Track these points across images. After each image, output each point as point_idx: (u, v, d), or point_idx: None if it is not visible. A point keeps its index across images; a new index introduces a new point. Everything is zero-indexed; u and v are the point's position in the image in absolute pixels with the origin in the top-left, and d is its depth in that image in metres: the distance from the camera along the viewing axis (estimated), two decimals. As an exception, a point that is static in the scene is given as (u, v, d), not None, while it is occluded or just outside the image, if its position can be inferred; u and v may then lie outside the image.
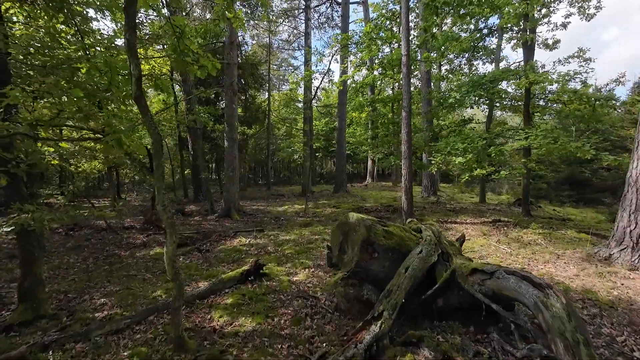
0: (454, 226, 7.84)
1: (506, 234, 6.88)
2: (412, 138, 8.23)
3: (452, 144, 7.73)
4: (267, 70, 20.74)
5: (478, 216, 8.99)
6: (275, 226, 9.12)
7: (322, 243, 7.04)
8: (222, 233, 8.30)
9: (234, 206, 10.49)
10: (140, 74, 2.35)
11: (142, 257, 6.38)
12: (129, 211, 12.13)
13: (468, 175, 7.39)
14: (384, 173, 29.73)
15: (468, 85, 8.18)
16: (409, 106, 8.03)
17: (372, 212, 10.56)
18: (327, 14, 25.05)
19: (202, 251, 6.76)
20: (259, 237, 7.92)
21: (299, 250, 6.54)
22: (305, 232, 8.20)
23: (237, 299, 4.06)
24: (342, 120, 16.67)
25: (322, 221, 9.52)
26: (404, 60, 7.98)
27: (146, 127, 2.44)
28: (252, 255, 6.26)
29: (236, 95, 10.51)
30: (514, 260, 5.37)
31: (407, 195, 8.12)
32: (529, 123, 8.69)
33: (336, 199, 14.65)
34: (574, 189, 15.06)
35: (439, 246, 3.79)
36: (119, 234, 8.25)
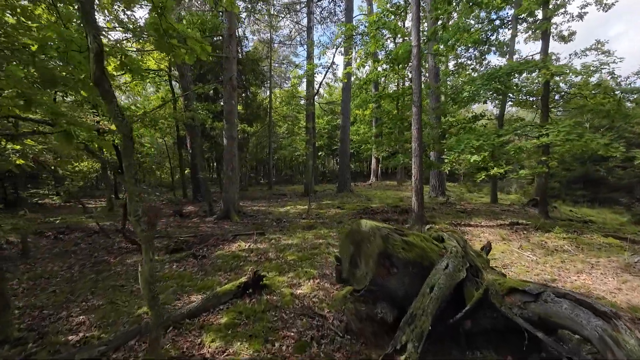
0: (469, 230, 7.29)
1: (528, 239, 6.33)
2: (422, 135, 7.68)
3: (465, 141, 7.17)
4: (268, 66, 20.21)
5: (493, 218, 8.44)
6: (277, 229, 8.61)
7: (327, 248, 6.53)
8: (220, 236, 7.80)
9: (234, 207, 10.00)
10: (102, 48, 1.85)
11: (132, 264, 5.89)
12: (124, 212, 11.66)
13: (484, 175, 6.84)
14: (388, 172, 29.15)
15: (483, 78, 7.62)
16: (419, 101, 7.48)
17: (379, 213, 10.03)
18: (329, 9, 24.48)
19: (198, 257, 6.26)
20: (260, 241, 7.42)
21: (302, 256, 6.03)
22: (308, 236, 7.69)
23: (233, 318, 3.55)
24: (345, 118, 16.11)
25: (327, 223, 9.00)
26: (415, 52, 7.43)
27: (112, 118, 1.94)
28: (251, 263, 5.76)
29: (235, 91, 9.99)
30: (542, 269, 4.83)
31: (418, 196, 7.59)
32: (547, 119, 8.12)
33: (340, 199, 14.12)
34: (588, 188, 14.45)
35: (466, 258, 3.27)
36: (111, 237, 7.78)
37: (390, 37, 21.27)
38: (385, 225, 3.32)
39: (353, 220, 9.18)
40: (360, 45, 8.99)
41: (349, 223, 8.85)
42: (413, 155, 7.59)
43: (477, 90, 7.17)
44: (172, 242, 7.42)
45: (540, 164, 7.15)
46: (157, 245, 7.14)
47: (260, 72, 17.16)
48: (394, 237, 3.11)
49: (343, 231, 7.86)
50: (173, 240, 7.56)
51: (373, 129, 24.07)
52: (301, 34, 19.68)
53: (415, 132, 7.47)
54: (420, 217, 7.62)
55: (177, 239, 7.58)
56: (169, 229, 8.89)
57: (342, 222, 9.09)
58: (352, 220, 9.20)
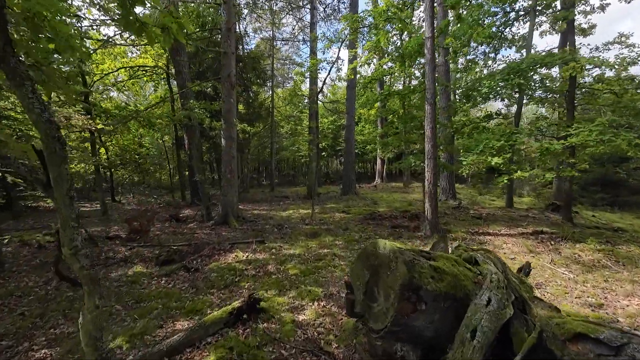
0: (488, 239, 6.63)
1: (558, 251, 5.66)
2: (437, 135, 7.04)
3: (484, 142, 6.51)
4: (270, 65, 19.63)
5: (513, 225, 7.76)
6: (278, 236, 8.00)
7: (333, 260, 5.91)
8: (216, 245, 7.21)
9: (232, 212, 9.41)
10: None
11: (117, 278, 5.31)
12: (119, 216, 11.14)
13: (507, 179, 6.18)
14: (393, 173, 28.46)
15: (502, 72, 6.96)
16: (433, 98, 6.84)
17: (387, 219, 9.39)
18: (333, 6, 23.86)
19: (191, 270, 5.66)
20: (259, 250, 6.81)
21: (305, 270, 5.41)
22: (312, 244, 7.07)
23: (222, 356, 2.94)
24: (350, 117, 15.48)
25: (332, 230, 8.38)
26: (428, 45, 6.79)
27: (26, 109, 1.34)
28: (248, 278, 5.15)
29: (234, 89, 9.40)
30: (583, 290, 4.17)
31: (432, 201, 6.94)
32: (573, 117, 7.44)
33: (345, 203, 13.49)
34: (607, 190, 13.68)
35: (509, 288, 2.63)
36: (99, 245, 7.21)
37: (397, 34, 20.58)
38: (408, 247, 2.69)
39: (360, 226, 8.55)
40: (367, 38, 8.35)
41: (355, 230, 8.22)
42: (426, 157, 6.94)
43: (497, 85, 6.52)
44: (164, 251, 6.83)
45: (568, 166, 6.47)
46: (148, 256, 6.57)
47: (262, 70, 16.59)
48: (420, 263, 2.48)
49: (349, 239, 7.24)
50: (165, 249, 6.98)
51: (378, 129, 23.41)
52: (304, 31, 19.09)
53: (429, 132, 6.83)
54: (434, 224, 6.97)
55: (170, 248, 7.00)
56: (163, 235, 8.32)
57: (349, 228, 8.46)
58: (359, 226, 8.57)
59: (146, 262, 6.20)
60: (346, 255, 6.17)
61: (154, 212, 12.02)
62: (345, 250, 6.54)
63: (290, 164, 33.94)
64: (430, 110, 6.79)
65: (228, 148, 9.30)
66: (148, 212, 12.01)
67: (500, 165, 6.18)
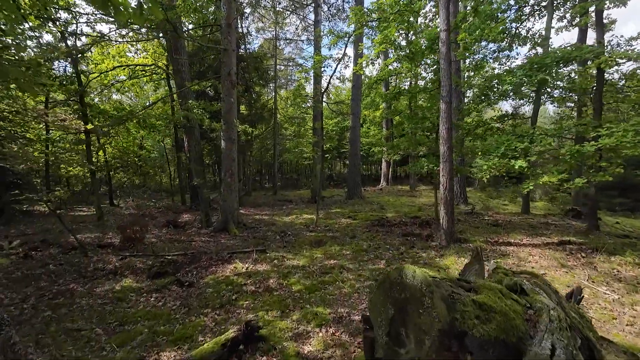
0: (511, 250, 6.05)
1: (592, 265, 5.07)
2: (452, 136, 6.49)
3: (505, 143, 5.95)
4: (273, 65, 19.20)
5: (534, 234, 7.17)
6: (281, 244, 7.48)
7: (341, 274, 5.37)
8: (214, 255, 6.70)
9: (232, 218, 8.90)
10: None
11: (102, 294, 4.80)
12: (115, 222, 10.68)
13: (532, 184, 5.61)
14: (399, 176, 27.86)
15: (524, 68, 6.40)
16: (449, 95, 6.30)
17: (397, 225, 8.83)
18: (337, 6, 23.44)
19: (184, 284, 5.15)
20: (260, 261, 6.29)
21: (310, 286, 4.87)
22: (317, 255, 6.53)
23: (211, 405, 2.41)
24: (355, 118, 14.96)
25: (338, 238, 7.83)
26: (443, 37, 6.26)
27: None
28: (247, 295, 4.62)
29: (235, 88, 8.92)
30: (634, 316, 3.59)
31: (448, 208, 6.37)
32: (600, 116, 6.86)
33: (350, 207, 12.94)
34: (626, 195, 13.00)
35: (572, 327, 2.07)
36: (89, 255, 6.73)
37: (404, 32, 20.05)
38: (443, 275, 2.15)
39: (368, 234, 7.97)
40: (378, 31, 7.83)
41: (363, 238, 7.66)
42: (441, 160, 6.40)
43: (519, 81, 5.96)
44: (157, 262, 6.34)
45: (599, 170, 5.88)
46: (140, 267, 6.07)
47: (265, 70, 16.14)
48: (461, 298, 1.93)
49: (358, 248, 6.68)
50: (159, 259, 6.49)
51: (384, 131, 22.86)
52: (308, 30, 18.63)
53: (444, 133, 6.29)
54: (450, 233, 6.41)
55: (164, 259, 6.50)
56: (159, 243, 7.83)
57: (356, 236, 7.91)
58: (367, 234, 8.00)
59: (137, 275, 5.70)
60: (355, 268, 5.63)
61: (152, 217, 11.57)
62: (354, 261, 5.99)
63: (293, 166, 33.46)
64: (446, 109, 6.25)
65: (228, 150, 8.82)
66: (146, 218, 11.56)
67: (525, 169, 5.61)
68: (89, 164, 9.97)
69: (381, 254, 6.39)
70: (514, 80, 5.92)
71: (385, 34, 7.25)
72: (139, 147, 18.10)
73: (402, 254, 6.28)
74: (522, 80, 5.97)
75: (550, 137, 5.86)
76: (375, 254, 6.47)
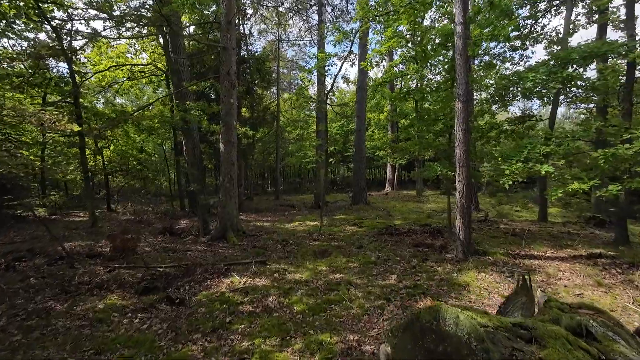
0: (536, 264, 5.47)
1: (633, 284, 4.48)
2: (469, 138, 5.96)
3: (529, 147, 5.41)
4: (275, 67, 18.81)
5: (558, 245, 6.59)
6: (282, 255, 6.96)
7: (348, 291, 4.82)
8: (210, 267, 6.19)
9: (232, 225, 8.41)
10: None
11: (82, 313, 4.30)
12: (110, 228, 10.22)
13: (560, 191, 5.05)
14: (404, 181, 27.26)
15: (548, 64, 5.88)
16: (466, 94, 5.78)
17: (406, 234, 8.28)
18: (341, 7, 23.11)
19: (175, 302, 4.64)
20: (260, 274, 5.77)
21: (314, 305, 4.34)
22: (322, 267, 6.00)
23: None
24: (360, 121, 14.46)
25: (343, 248, 7.29)
26: (459, 31, 5.76)
27: None
28: (243, 318, 4.09)
29: (235, 88, 8.48)
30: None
31: (464, 217, 5.82)
32: (631, 117, 6.29)
33: (356, 213, 12.40)
34: (647, 201, 12.30)
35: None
36: (75, 266, 6.25)
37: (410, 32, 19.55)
38: (495, 322, 1.61)
39: (376, 244, 7.40)
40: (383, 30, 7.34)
41: (371, 248, 7.10)
42: (457, 165, 5.86)
43: (544, 79, 5.43)
44: (148, 274, 5.85)
45: (636, 176, 5.31)
46: (128, 280, 5.58)
47: (267, 72, 15.74)
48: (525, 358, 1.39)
49: (365, 260, 6.12)
50: (150, 271, 6.00)
51: (389, 134, 22.35)
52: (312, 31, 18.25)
53: (461, 135, 5.76)
54: (467, 245, 5.85)
55: (155, 271, 6.01)
56: (153, 252, 7.34)
57: (363, 246, 7.36)
58: (375, 244, 7.44)
59: (124, 289, 5.20)
60: (363, 284, 5.08)
61: (148, 224, 11.11)
62: (362, 276, 5.45)
63: (295, 170, 33.00)
64: (463, 109, 5.73)
65: (227, 154, 8.34)
66: (142, 224, 11.10)
67: (552, 174, 5.06)
68: (83, 168, 9.53)
69: (391, 267, 5.84)
70: (538, 77, 5.39)
71: (396, 27, 6.77)
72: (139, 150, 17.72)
73: (415, 268, 5.73)
74: (547, 77, 5.44)
75: (579, 140, 5.31)
76: (384, 267, 5.92)
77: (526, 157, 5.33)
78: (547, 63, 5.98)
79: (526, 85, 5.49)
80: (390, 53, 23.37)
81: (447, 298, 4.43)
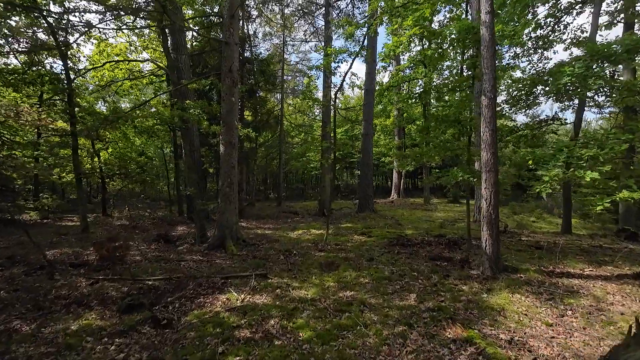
0: (576, 284, 4.78)
1: None
2: (497, 140, 5.34)
3: (566, 150, 4.77)
4: (279, 70, 18.38)
5: (594, 262, 5.88)
6: (285, 267, 6.30)
7: (362, 314, 4.14)
8: (205, 280, 5.55)
9: (231, 233, 7.77)
10: None
11: (51, 337, 3.66)
12: (102, 234, 9.62)
13: (607, 201, 4.39)
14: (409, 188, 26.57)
15: (584, 59, 5.28)
16: (493, 91, 5.18)
17: (419, 245, 7.60)
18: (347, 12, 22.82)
19: (160, 323, 3.98)
20: (260, 289, 5.12)
21: (323, 332, 3.67)
22: (329, 283, 5.33)
23: None
24: (368, 125, 13.90)
25: (352, 260, 6.62)
26: (487, 20, 5.19)
27: None
28: (239, 346, 3.43)
29: (237, 86, 7.94)
30: None
31: (492, 229, 5.16)
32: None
33: (363, 222, 11.72)
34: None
35: None
36: (55, 277, 5.63)
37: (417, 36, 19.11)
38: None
39: (388, 256, 6.70)
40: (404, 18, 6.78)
41: (383, 261, 6.41)
42: (484, 170, 5.22)
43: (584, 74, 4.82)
44: (134, 288, 5.21)
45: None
46: (112, 295, 4.94)
47: (272, 73, 15.27)
48: None
49: (378, 275, 5.41)
50: (137, 284, 5.35)
51: (395, 140, 21.76)
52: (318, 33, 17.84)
53: (489, 137, 5.14)
54: (495, 260, 5.17)
55: (143, 284, 5.36)
56: (144, 262, 6.71)
57: (374, 258, 6.69)
58: (387, 256, 6.75)
59: (106, 306, 4.56)
60: (379, 305, 4.41)
61: (143, 230, 10.50)
62: (376, 294, 4.77)
63: (299, 176, 32.41)
64: (490, 105, 5.12)
65: (227, 156, 7.76)
66: (137, 230, 10.49)
67: (597, 182, 4.41)
68: (75, 170, 8.98)
69: (409, 285, 5.16)
70: (577, 71, 4.78)
71: (417, 16, 6.22)
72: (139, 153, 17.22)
73: (436, 285, 5.04)
74: (585, 72, 4.83)
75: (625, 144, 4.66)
76: (400, 283, 5.24)
77: (565, 161, 4.69)
78: (584, 58, 5.37)
79: (563, 81, 4.87)
80: (397, 58, 22.98)
81: (480, 325, 3.75)
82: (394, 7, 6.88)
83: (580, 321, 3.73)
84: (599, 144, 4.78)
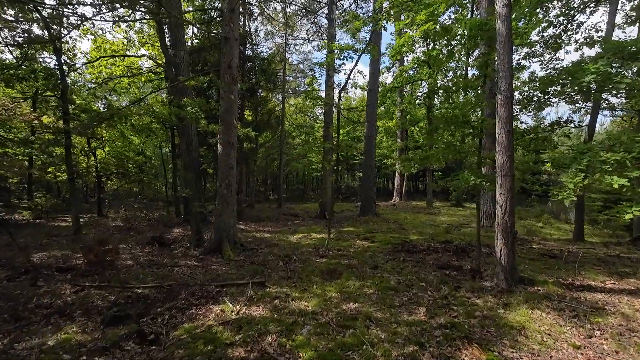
0: (600, 299, 4.41)
1: None
2: (513, 142, 4.98)
3: (589, 154, 4.42)
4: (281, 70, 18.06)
5: (616, 274, 5.51)
6: (284, 274, 5.93)
7: (368, 331, 3.78)
8: (198, 288, 5.19)
9: (228, 237, 7.42)
10: None
11: (23, 355, 3.30)
12: (95, 235, 9.27)
13: (638, 209, 4.03)
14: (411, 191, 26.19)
15: (607, 57, 4.94)
16: (509, 89, 4.84)
17: (425, 252, 7.24)
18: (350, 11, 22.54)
19: (147, 339, 3.63)
20: (257, 299, 4.76)
21: (326, 352, 3.31)
22: (331, 293, 4.97)
23: None
24: (371, 126, 13.55)
25: (355, 267, 6.26)
26: (504, 13, 4.85)
27: None
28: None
29: (236, 84, 7.61)
30: None
31: (507, 238, 4.80)
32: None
33: (365, 225, 11.35)
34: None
35: None
36: (39, 283, 5.27)
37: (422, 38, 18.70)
38: None
39: (393, 263, 6.34)
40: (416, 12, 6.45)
41: (388, 269, 6.04)
42: (499, 174, 4.87)
43: (608, 72, 4.47)
44: (122, 296, 4.85)
45: None
46: (97, 304, 4.58)
47: (273, 73, 14.95)
48: None
49: (384, 285, 5.04)
50: (126, 292, 5.00)
51: (398, 142, 21.41)
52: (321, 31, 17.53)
53: (504, 138, 4.79)
54: (511, 271, 4.81)
55: (132, 292, 5.01)
56: (135, 267, 6.36)
57: (378, 266, 6.32)
58: (392, 263, 6.38)
59: (89, 317, 4.21)
60: (385, 319, 4.04)
61: (138, 232, 10.14)
62: (382, 307, 4.41)
63: (299, 177, 32.05)
64: (506, 104, 4.77)
65: (225, 156, 7.42)
66: (131, 232, 10.13)
67: (625, 189, 4.05)
68: (68, 169, 8.64)
69: (417, 297, 4.79)
70: (602, 68, 4.43)
71: (431, 12, 5.89)
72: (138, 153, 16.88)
73: (447, 298, 4.68)
74: (612, 70, 4.48)
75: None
76: (408, 295, 4.88)
77: (590, 166, 4.33)
78: (607, 55, 5.02)
79: (586, 79, 4.51)
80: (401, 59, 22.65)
81: (499, 346, 3.38)
82: (404, 1, 6.56)
83: (611, 343, 3.36)
84: (625, 147, 4.41)
